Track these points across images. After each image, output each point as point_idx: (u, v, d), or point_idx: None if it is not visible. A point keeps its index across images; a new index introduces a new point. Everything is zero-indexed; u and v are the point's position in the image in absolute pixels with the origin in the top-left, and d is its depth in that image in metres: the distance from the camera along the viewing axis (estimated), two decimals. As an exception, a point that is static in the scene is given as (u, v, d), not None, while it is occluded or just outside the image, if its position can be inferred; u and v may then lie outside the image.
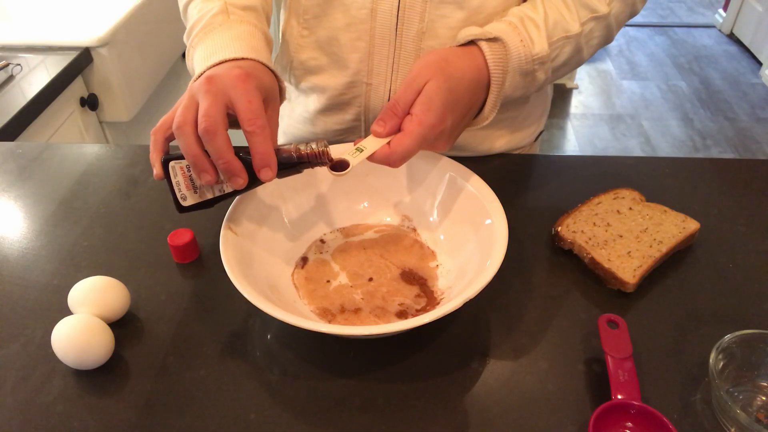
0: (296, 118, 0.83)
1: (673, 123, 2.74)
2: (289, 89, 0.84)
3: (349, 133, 0.79)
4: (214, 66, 0.55)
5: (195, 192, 0.57)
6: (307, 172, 0.67)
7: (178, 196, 0.57)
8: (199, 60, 0.59)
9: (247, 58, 0.56)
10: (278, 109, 0.59)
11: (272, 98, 0.57)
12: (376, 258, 0.64)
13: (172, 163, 0.56)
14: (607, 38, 0.69)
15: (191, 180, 0.56)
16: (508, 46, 0.61)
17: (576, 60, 0.67)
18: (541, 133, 0.87)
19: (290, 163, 0.55)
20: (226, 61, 0.56)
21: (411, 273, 0.63)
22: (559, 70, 0.67)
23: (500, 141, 0.80)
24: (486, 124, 0.64)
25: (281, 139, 0.90)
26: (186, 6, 0.68)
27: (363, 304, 0.59)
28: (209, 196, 0.57)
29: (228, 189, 0.57)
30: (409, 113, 0.57)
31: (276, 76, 0.59)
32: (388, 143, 0.56)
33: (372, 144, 0.57)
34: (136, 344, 0.57)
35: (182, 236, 0.64)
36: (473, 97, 0.61)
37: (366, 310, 0.59)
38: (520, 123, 0.80)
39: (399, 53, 0.70)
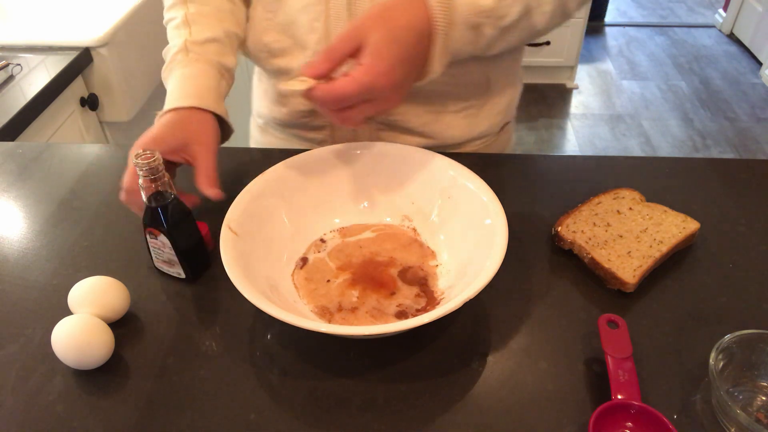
0: (269, 99, 0.84)
1: (673, 123, 2.74)
2: (261, 70, 0.85)
3: (316, 115, 0.79)
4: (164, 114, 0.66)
5: (170, 266, 0.62)
6: (309, 171, 0.68)
7: (174, 274, 0.63)
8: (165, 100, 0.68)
9: (181, 108, 0.65)
10: (211, 145, 0.66)
11: (196, 141, 0.65)
12: (375, 258, 0.64)
13: (156, 264, 0.64)
14: (563, 10, 0.67)
15: (161, 261, 0.63)
16: None
17: (527, 25, 0.66)
18: (507, 123, 0.86)
19: (160, 209, 0.58)
20: (167, 111, 0.66)
21: (411, 273, 0.63)
22: (510, 33, 0.66)
23: (463, 129, 0.80)
24: (432, 78, 0.63)
25: (254, 121, 0.91)
26: (165, 24, 0.74)
27: (362, 303, 0.59)
28: (166, 267, 0.63)
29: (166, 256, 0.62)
30: (359, 63, 0.57)
31: (215, 113, 0.67)
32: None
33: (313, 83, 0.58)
34: (136, 344, 0.57)
35: None
36: (419, 46, 0.60)
37: (364, 310, 0.59)
38: (486, 111, 0.80)
39: None
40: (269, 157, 0.78)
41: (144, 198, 0.57)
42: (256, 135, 0.92)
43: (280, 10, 0.72)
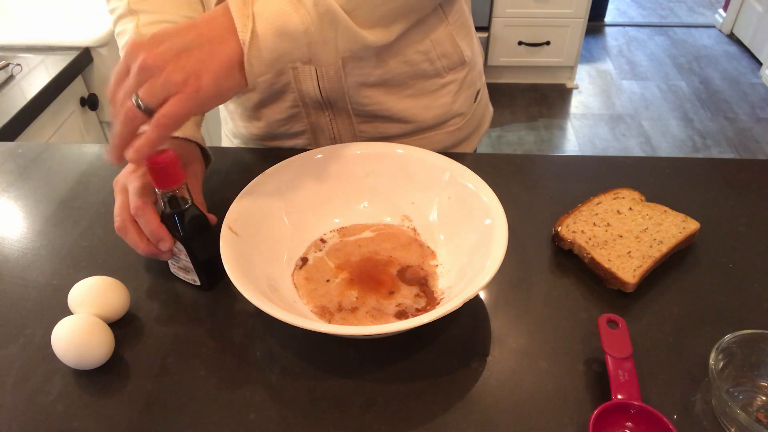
0: (239, 117, 0.84)
1: (673, 123, 2.74)
2: None
3: (293, 122, 0.79)
4: None
5: (186, 272, 0.62)
6: (309, 171, 0.68)
7: (190, 281, 0.62)
8: None
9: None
10: (199, 174, 0.65)
11: (189, 173, 0.63)
12: (375, 257, 0.64)
13: (173, 270, 0.63)
14: None
15: (177, 267, 0.62)
16: None
17: None
18: (478, 91, 0.87)
19: (176, 216, 0.57)
20: None
21: (410, 272, 0.63)
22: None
23: (442, 108, 0.80)
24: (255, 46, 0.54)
25: (230, 142, 0.90)
26: (116, 37, 0.73)
27: (362, 303, 0.59)
28: (182, 274, 0.62)
29: (182, 260, 0.60)
30: None
31: (193, 140, 0.66)
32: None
33: None
34: (136, 344, 0.57)
35: None
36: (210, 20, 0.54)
37: (364, 310, 0.59)
38: (465, 85, 0.82)
39: None
40: (265, 156, 0.78)
41: (159, 201, 0.56)
42: None
43: None
